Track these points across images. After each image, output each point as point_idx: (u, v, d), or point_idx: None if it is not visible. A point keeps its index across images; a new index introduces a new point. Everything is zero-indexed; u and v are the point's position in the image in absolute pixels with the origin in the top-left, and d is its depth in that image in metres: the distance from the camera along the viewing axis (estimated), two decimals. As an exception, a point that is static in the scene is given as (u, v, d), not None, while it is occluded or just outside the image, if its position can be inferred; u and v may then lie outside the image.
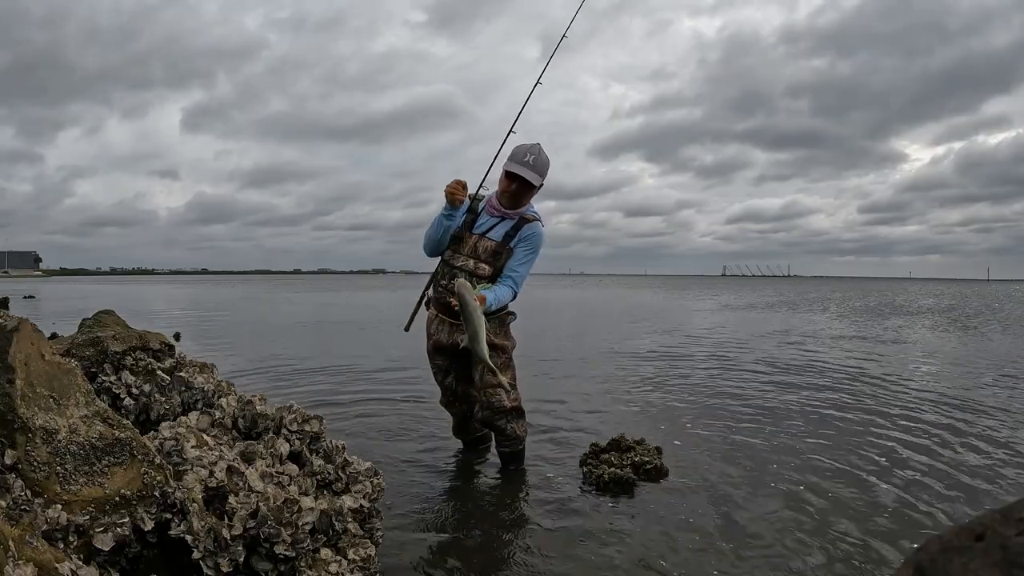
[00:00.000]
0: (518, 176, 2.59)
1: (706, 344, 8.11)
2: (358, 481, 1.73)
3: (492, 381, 2.62)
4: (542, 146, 2.66)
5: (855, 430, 3.57)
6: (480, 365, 2.59)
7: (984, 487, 2.62)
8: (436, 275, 2.75)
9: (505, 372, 2.65)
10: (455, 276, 2.58)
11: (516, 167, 2.59)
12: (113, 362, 1.82)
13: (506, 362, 2.71)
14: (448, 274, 2.66)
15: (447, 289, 2.63)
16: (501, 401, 2.65)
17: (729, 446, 3.21)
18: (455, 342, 2.66)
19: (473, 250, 2.67)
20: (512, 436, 2.74)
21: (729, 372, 5.73)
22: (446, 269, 2.70)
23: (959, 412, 4.06)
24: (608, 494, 2.52)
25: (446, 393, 2.88)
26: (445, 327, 2.73)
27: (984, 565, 0.47)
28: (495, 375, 2.48)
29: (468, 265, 2.65)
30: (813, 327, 11.20)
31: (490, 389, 2.64)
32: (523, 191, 2.63)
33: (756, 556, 1.98)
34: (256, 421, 1.74)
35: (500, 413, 2.66)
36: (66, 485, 1.23)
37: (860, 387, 4.99)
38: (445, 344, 2.74)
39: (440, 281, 2.71)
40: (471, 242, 2.68)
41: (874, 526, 2.21)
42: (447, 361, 2.80)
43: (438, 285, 2.73)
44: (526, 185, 2.61)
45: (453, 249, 2.70)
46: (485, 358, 2.30)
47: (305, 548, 1.43)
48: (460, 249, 2.68)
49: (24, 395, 1.25)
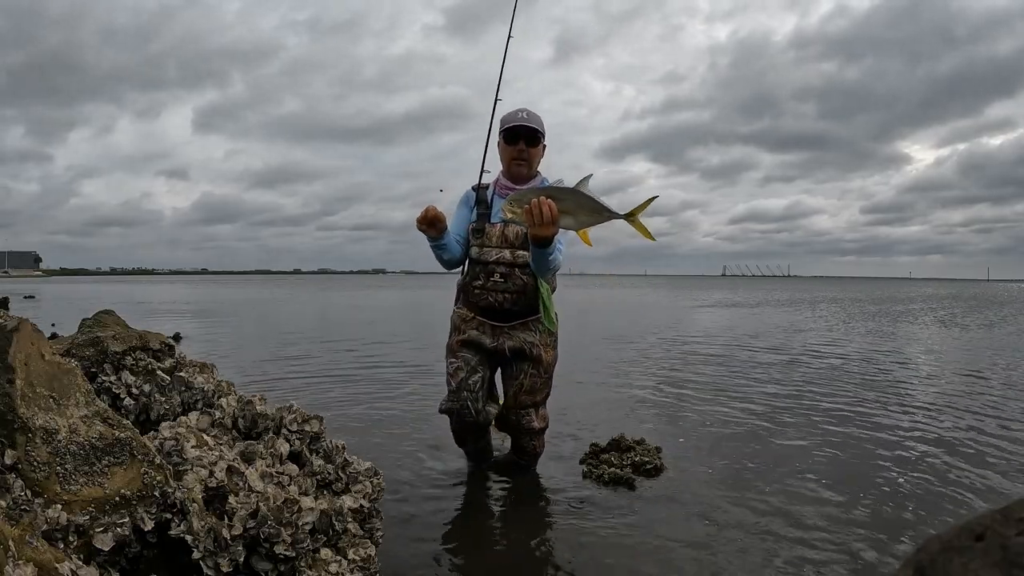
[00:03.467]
0: (520, 129, 2.39)
1: (707, 343, 8.11)
2: (358, 481, 1.73)
3: (526, 402, 2.45)
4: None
5: (857, 430, 3.56)
6: (522, 377, 2.44)
7: (985, 488, 2.63)
8: (467, 277, 2.48)
9: (542, 391, 2.49)
10: (492, 274, 2.38)
11: (514, 122, 2.40)
12: (113, 362, 1.82)
13: (546, 381, 2.49)
14: (484, 272, 2.40)
15: (486, 289, 2.40)
16: (531, 422, 2.48)
17: (730, 446, 3.21)
18: (500, 346, 2.44)
19: (503, 238, 2.40)
20: (530, 453, 2.63)
21: (730, 371, 5.73)
22: (479, 268, 2.42)
23: (963, 413, 4.06)
24: (608, 493, 2.52)
25: (461, 392, 2.40)
26: (487, 329, 2.46)
27: (984, 565, 0.47)
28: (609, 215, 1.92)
29: (505, 256, 2.38)
30: (814, 326, 11.20)
31: (523, 410, 2.46)
32: (531, 148, 2.41)
33: (756, 556, 1.98)
34: (256, 421, 1.74)
35: (527, 433, 2.52)
36: (66, 485, 1.23)
37: (863, 387, 4.99)
38: (485, 345, 2.45)
39: (474, 283, 2.43)
40: (497, 232, 2.41)
41: (875, 526, 2.21)
42: (478, 357, 2.45)
43: (471, 288, 2.45)
44: (532, 138, 2.40)
45: (479, 244, 2.43)
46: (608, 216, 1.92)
47: (305, 548, 1.43)
48: (487, 241, 2.41)
49: (24, 395, 1.25)
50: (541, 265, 2.21)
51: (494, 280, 2.39)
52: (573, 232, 2.00)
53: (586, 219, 1.91)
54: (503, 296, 2.40)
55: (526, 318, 2.46)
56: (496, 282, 2.39)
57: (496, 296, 2.40)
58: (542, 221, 1.89)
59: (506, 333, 2.44)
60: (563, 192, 1.92)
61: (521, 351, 2.45)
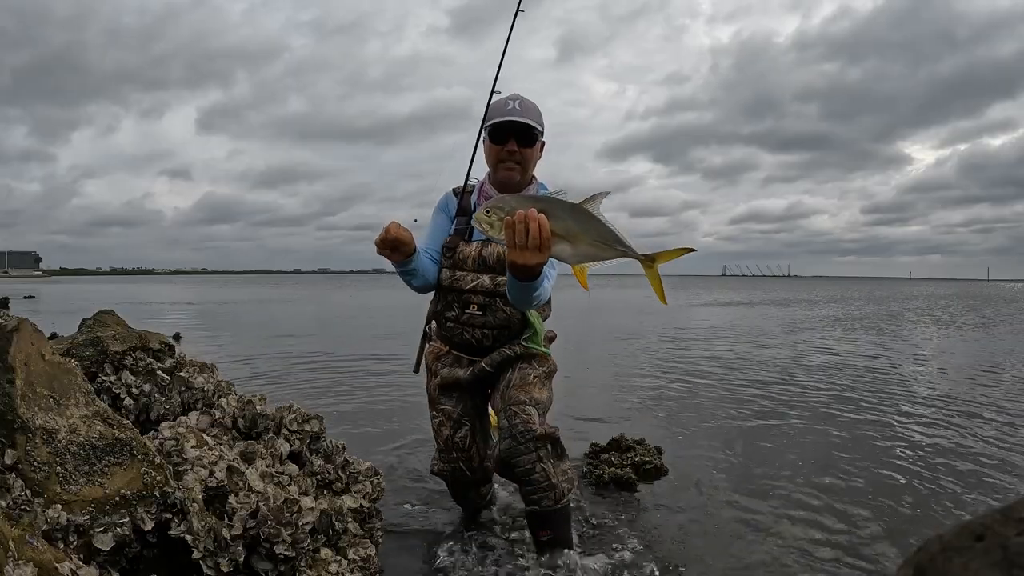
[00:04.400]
0: (510, 126, 1.88)
1: (706, 343, 8.11)
2: (358, 481, 1.74)
3: (521, 397, 1.85)
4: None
5: (858, 430, 3.56)
6: (510, 373, 1.94)
7: (985, 488, 2.62)
8: (438, 306, 2.01)
9: (537, 386, 1.92)
10: (467, 304, 1.94)
11: (501, 115, 1.89)
12: (113, 362, 1.82)
13: (542, 377, 1.97)
14: (458, 302, 1.95)
15: (460, 323, 1.96)
16: (529, 422, 1.80)
17: (730, 446, 3.21)
18: (479, 371, 1.98)
19: (480, 261, 1.93)
20: (542, 483, 1.78)
21: (730, 370, 5.73)
22: (451, 296, 1.96)
23: (963, 412, 4.06)
24: (608, 494, 2.52)
25: (450, 452, 2.01)
26: (463, 362, 2.03)
27: (984, 565, 0.47)
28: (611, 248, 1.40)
29: (484, 283, 1.92)
30: (816, 326, 11.20)
31: (517, 407, 1.83)
32: (524, 148, 1.90)
33: (756, 555, 1.98)
34: (256, 421, 1.74)
35: (527, 442, 1.78)
36: (66, 485, 1.23)
37: (863, 386, 4.99)
38: (461, 380, 2.00)
39: (446, 314, 1.99)
40: (473, 252, 1.94)
41: (874, 526, 2.21)
42: (460, 405, 2.02)
43: (443, 319, 2.01)
44: (526, 136, 1.89)
45: (450, 266, 1.96)
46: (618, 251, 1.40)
47: (305, 548, 1.43)
48: (462, 264, 1.95)
49: (24, 395, 1.25)
50: (519, 299, 1.66)
51: (470, 313, 1.94)
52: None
53: (589, 251, 1.41)
54: (481, 333, 1.96)
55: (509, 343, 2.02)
56: (473, 315, 1.94)
57: (473, 332, 1.96)
58: (526, 243, 1.36)
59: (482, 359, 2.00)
60: (562, 208, 1.39)
61: (505, 360, 1.98)
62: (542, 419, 1.85)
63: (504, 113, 1.90)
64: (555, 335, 2.16)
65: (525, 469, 1.78)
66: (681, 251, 1.43)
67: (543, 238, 1.36)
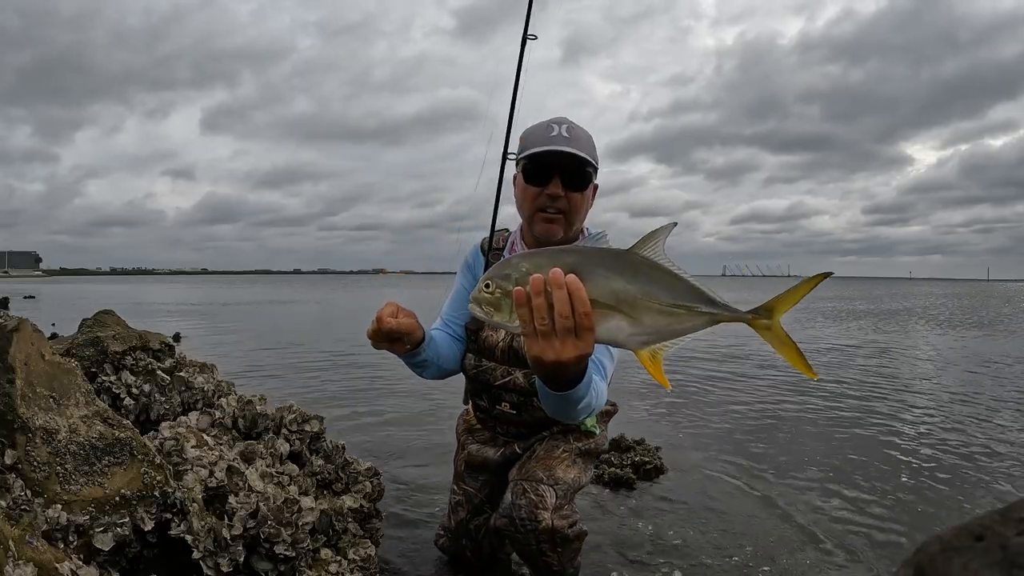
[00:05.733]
0: (555, 160, 1.41)
1: (706, 342, 8.10)
2: (358, 481, 1.74)
3: (538, 473, 1.51)
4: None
5: (857, 429, 3.57)
6: (534, 442, 1.65)
7: (985, 488, 2.63)
8: (468, 383, 1.71)
9: (565, 462, 1.56)
10: (498, 400, 1.63)
11: (545, 144, 1.42)
12: (113, 362, 1.82)
13: (577, 454, 1.60)
14: (487, 396, 1.65)
15: (492, 417, 1.68)
16: (537, 507, 1.45)
17: (730, 446, 3.21)
18: (510, 453, 1.68)
19: (511, 354, 1.56)
20: (543, 569, 1.52)
21: (730, 370, 5.73)
22: (481, 388, 1.65)
23: (963, 412, 4.06)
24: (607, 493, 2.52)
25: (459, 539, 1.79)
26: (497, 441, 1.73)
27: (984, 565, 0.47)
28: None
29: (517, 380, 1.57)
30: (814, 325, 11.20)
31: (529, 483, 1.50)
32: (573, 192, 1.44)
33: (754, 555, 1.98)
34: (256, 421, 1.74)
35: (526, 533, 1.45)
36: (66, 485, 1.23)
37: (863, 386, 4.99)
38: (491, 460, 1.71)
39: (476, 400, 1.71)
40: (501, 342, 1.57)
41: (873, 526, 2.21)
42: (485, 489, 1.76)
43: (474, 403, 1.74)
44: (576, 177, 1.43)
45: (475, 351, 1.62)
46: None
47: (305, 548, 1.43)
48: (488, 352, 1.60)
49: (24, 395, 1.25)
50: (558, 412, 1.18)
51: (500, 409, 1.65)
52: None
53: (659, 324, 0.88)
54: (517, 431, 1.69)
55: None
56: (505, 412, 1.64)
57: (508, 429, 1.69)
58: (551, 327, 0.86)
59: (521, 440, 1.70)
60: (607, 261, 0.89)
61: (539, 439, 1.68)
62: (560, 504, 1.47)
63: (546, 141, 1.42)
64: (615, 408, 1.78)
65: (522, 552, 1.53)
66: (811, 283, 0.90)
67: (579, 314, 0.84)
